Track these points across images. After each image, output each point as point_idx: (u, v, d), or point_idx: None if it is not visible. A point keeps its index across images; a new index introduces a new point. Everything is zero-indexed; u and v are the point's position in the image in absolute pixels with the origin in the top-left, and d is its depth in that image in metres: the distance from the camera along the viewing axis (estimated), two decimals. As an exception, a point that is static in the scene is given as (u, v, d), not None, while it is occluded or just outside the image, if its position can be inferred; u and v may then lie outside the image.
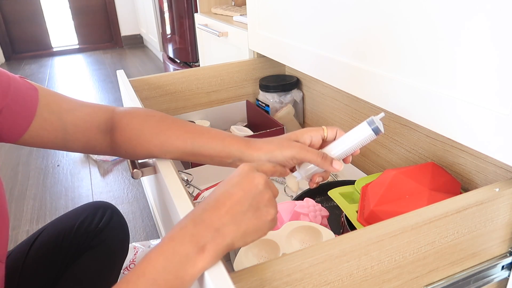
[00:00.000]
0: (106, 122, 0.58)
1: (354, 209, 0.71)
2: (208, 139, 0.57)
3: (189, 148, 0.57)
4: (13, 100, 0.50)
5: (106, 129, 0.58)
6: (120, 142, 0.58)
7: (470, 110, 0.55)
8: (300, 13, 0.91)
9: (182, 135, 0.57)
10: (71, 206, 1.46)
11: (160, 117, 0.59)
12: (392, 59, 0.67)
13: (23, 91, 0.51)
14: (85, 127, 0.56)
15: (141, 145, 0.57)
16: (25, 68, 3.58)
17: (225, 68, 1.24)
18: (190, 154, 0.57)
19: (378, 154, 0.98)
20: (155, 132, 0.57)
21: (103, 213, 0.78)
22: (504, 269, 0.59)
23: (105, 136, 0.58)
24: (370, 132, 0.54)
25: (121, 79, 1.04)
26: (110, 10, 4.03)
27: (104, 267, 0.76)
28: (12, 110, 0.50)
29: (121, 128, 0.58)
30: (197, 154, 0.57)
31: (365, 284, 0.47)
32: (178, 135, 0.57)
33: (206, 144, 0.57)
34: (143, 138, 0.57)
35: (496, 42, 0.50)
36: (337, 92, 1.09)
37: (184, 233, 0.38)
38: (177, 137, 0.57)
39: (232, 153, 0.56)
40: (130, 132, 0.57)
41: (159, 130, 0.57)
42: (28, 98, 0.51)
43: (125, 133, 0.58)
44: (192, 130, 0.58)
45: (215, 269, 0.37)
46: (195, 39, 2.09)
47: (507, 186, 0.53)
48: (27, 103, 0.51)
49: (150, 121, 0.58)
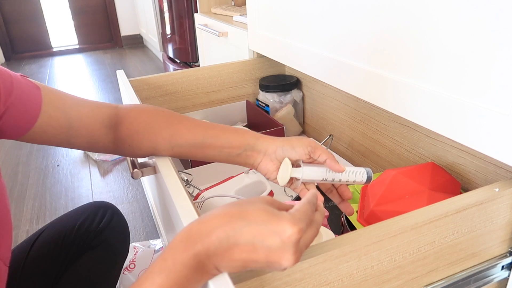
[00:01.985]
0: (110, 118, 0.58)
1: (354, 209, 0.71)
2: (220, 131, 0.58)
3: (199, 140, 0.58)
4: (17, 98, 0.50)
5: (109, 124, 0.58)
6: (125, 136, 0.58)
7: (470, 110, 0.55)
8: (305, 13, 0.91)
9: (193, 128, 0.58)
10: (71, 206, 1.46)
11: (169, 112, 0.60)
12: (393, 60, 0.67)
13: (26, 90, 0.51)
14: (89, 122, 0.56)
15: (149, 138, 0.58)
16: (25, 68, 3.58)
17: (225, 68, 1.24)
18: (199, 146, 0.58)
19: (378, 154, 0.98)
20: (165, 125, 0.58)
21: (104, 213, 0.78)
22: (504, 269, 0.59)
23: (109, 131, 0.58)
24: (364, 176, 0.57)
25: (121, 79, 1.04)
26: (110, 10, 4.02)
27: (104, 267, 0.76)
28: (17, 108, 0.50)
29: (128, 122, 0.58)
30: (207, 146, 0.58)
31: (365, 284, 0.47)
32: (189, 128, 0.58)
33: (219, 135, 0.58)
34: (152, 131, 0.58)
35: (496, 42, 0.50)
36: (337, 92, 1.09)
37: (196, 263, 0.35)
38: (188, 130, 0.58)
39: (245, 142, 0.57)
40: (138, 125, 0.58)
41: (169, 123, 0.58)
42: (32, 96, 0.52)
43: (132, 127, 0.58)
44: (203, 124, 0.59)
45: (215, 269, 0.37)
46: (195, 39, 2.09)
47: (507, 186, 0.53)
48: (31, 101, 0.51)
49: (160, 115, 0.59)
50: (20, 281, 0.66)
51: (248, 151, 0.57)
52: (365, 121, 0.99)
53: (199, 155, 0.59)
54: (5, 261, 0.49)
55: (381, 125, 0.94)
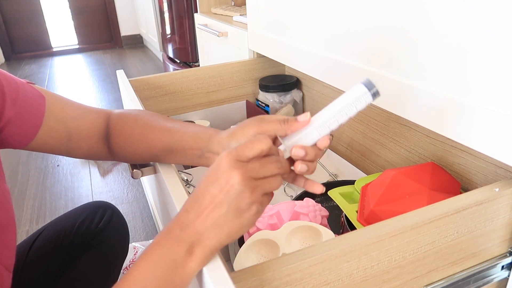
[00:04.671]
0: (105, 130, 0.59)
1: (354, 209, 0.71)
2: (183, 134, 0.55)
3: (168, 146, 0.56)
4: (22, 108, 0.50)
5: (105, 137, 0.59)
6: (117, 149, 0.59)
7: (470, 110, 0.55)
8: (305, 13, 0.91)
9: (162, 134, 0.56)
10: (71, 206, 1.46)
11: (145, 120, 0.58)
12: (393, 60, 0.67)
13: (31, 99, 0.52)
14: (87, 136, 0.57)
15: (133, 150, 0.58)
16: (25, 68, 3.58)
17: (225, 68, 1.24)
18: (169, 152, 0.56)
19: (378, 154, 0.98)
20: (141, 137, 0.57)
21: (103, 213, 0.78)
22: (504, 269, 0.59)
23: (105, 143, 0.59)
24: (364, 90, 0.47)
25: (121, 79, 1.04)
26: (110, 10, 4.02)
27: (104, 267, 0.76)
28: (21, 118, 0.50)
29: (115, 136, 0.58)
30: (175, 150, 0.56)
31: (365, 284, 0.47)
32: (159, 136, 0.56)
33: (182, 138, 0.55)
34: (133, 145, 0.58)
35: (496, 41, 0.50)
36: (337, 92, 1.09)
37: (171, 239, 0.38)
38: (158, 138, 0.56)
39: (201, 143, 0.54)
40: (122, 140, 0.58)
41: (144, 134, 0.57)
42: (36, 106, 0.52)
43: (118, 141, 0.58)
44: (172, 128, 0.56)
45: (215, 269, 0.37)
46: (195, 39, 2.09)
47: (507, 186, 0.53)
48: (35, 111, 0.52)
49: (138, 124, 0.58)
50: (19, 281, 0.66)
51: (206, 153, 0.54)
52: (365, 121, 0.99)
53: (173, 160, 0.57)
54: (8, 268, 0.49)
55: (381, 125, 0.94)
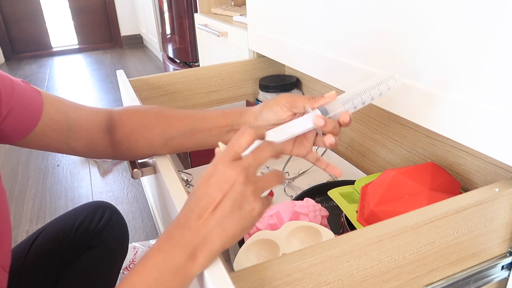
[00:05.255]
0: (107, 122, 0.59)
1: (354, 209, 0.71)
2: (208, 114, 0.60)
3: (189, 127, 0.58)
4: (18, 101, 0.51)
5: (107, 128, 0.59)
6: (121, 138, 0.59)
7: (470, 110, 0.55)
8: (305, 13, 0.91)
9: (182, 117, 0.59)
10: (71, 206, 1.46)
11: (159, 107, 0.62)
12: (392, 60, 0.67)
13: (27, 94, 0.52)
14: (88, 125, 0.57)
15: (143, 137, 0.59)
16: (25, 68, 3.58)
17: (225, 68, 1.24)
18: (190, 134, 0.59)
19: (378, 154, 0.98)
20: (155, 121, 0.59)
21: (103, 213, 0.78)
22: (504, 269, 0.59)
23: (106, 134, 0.59)
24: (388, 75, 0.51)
25: (121, 79, 1.04)
26: (110, 10, 4.03)
27: (103, 267, 0.76)
28: (19, 110, 0.51)
29: (122, 125, 0.59)
30: (197, 130, 0.58)
31: (365, 284, 0.47)
32: (178, 118, 0.59)
33: (207, 118, 0.59)
34: (145, 130, 0.59)
35: (496, 41, 0.50)
36: (337, 92, 1.09)
37: (172, 243, 0.37)
38: (177, 120, 0.59)
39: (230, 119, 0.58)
40: (131, 126, 0.59)
41: (160, 118, 0.59)
42: (32, 99, 0.52)
43: (126, 129, 0.59)
44: (192, 112, 0.61)
45: (215, 269, 0.37)
46: (195, 39, 2.09)
47: (507, 186, 0.53)
48: (32, 104, 0.52)
49: (150, 113, 0.60)
50: (19, 281, 0.66)
51: (235, 127, 0.58)
52: (365, 121, 0.99)
53: (191, 143, 0.60)
54: (4, 267, 0.49)
55: (381, 125, 0.94)
